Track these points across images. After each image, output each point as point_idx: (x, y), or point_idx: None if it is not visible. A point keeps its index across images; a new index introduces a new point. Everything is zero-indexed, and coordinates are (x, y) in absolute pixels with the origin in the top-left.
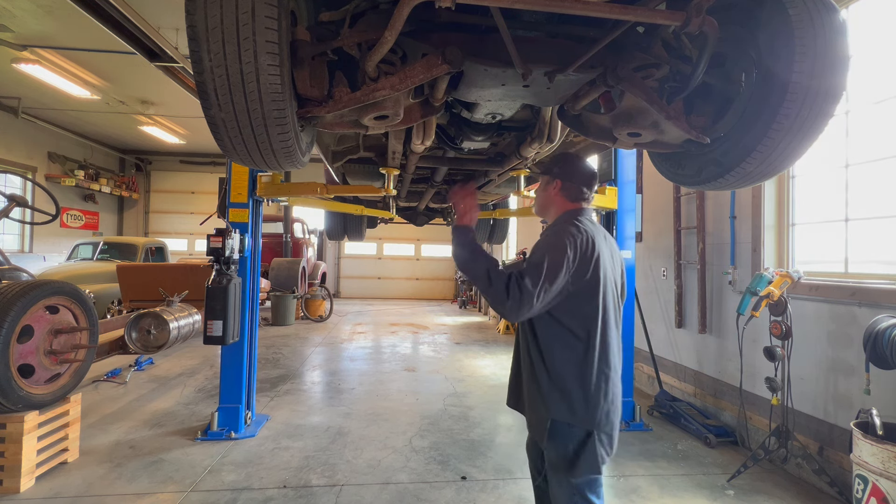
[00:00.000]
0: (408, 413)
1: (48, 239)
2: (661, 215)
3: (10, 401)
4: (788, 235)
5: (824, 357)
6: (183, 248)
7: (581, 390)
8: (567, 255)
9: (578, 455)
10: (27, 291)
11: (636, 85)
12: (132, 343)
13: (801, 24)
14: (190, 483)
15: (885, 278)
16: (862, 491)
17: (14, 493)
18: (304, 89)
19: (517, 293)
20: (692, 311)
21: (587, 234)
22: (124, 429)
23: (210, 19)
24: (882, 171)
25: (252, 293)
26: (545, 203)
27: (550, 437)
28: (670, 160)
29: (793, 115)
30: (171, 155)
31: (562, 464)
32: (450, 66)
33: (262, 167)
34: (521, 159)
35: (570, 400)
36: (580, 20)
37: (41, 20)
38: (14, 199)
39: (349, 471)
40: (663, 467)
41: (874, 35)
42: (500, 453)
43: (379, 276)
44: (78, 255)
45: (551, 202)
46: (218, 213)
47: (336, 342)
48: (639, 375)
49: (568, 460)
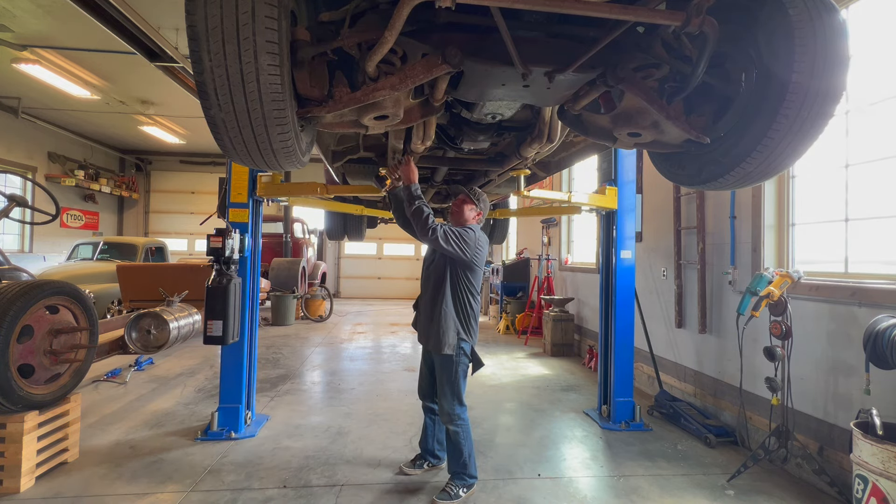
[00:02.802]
0: (408, 413)
1: (48, 239)
2: (661, 215)
3: (10, 401)
4: (788, 235)
5: (824, 357)
6: (183, 248)
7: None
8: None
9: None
10: (27, 291)
11: (636, 85)
12: (132, 343)
13: (801, 24)
14: (190, 483)
15: (885, 278)
16: (862, 491)
17: (14, 493)
18: (304, 89)
19: (440, 233)
20: (692, 311)
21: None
22: (124, 429)
23: (210, 19)
24: (882, 171)
25: (252, 293)
26: (467, 218)
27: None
28: (670, 160)
29: (793, 115)
30: (171, 155)
31: (457, 362)
32: (450, 66)
33: (262, 167)
34: (521, 159)
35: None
36: (580, 20)
37: (41, 20)
38: (14, 199)
39: (349, 471)
40: (663, 467)
41: (874, 35)
42: (500, 453)
43: (379, 276)
44: (78, 255)
45: (469, 219)
46: (218, 213)
47: (336, 342)
48: (639, 375)
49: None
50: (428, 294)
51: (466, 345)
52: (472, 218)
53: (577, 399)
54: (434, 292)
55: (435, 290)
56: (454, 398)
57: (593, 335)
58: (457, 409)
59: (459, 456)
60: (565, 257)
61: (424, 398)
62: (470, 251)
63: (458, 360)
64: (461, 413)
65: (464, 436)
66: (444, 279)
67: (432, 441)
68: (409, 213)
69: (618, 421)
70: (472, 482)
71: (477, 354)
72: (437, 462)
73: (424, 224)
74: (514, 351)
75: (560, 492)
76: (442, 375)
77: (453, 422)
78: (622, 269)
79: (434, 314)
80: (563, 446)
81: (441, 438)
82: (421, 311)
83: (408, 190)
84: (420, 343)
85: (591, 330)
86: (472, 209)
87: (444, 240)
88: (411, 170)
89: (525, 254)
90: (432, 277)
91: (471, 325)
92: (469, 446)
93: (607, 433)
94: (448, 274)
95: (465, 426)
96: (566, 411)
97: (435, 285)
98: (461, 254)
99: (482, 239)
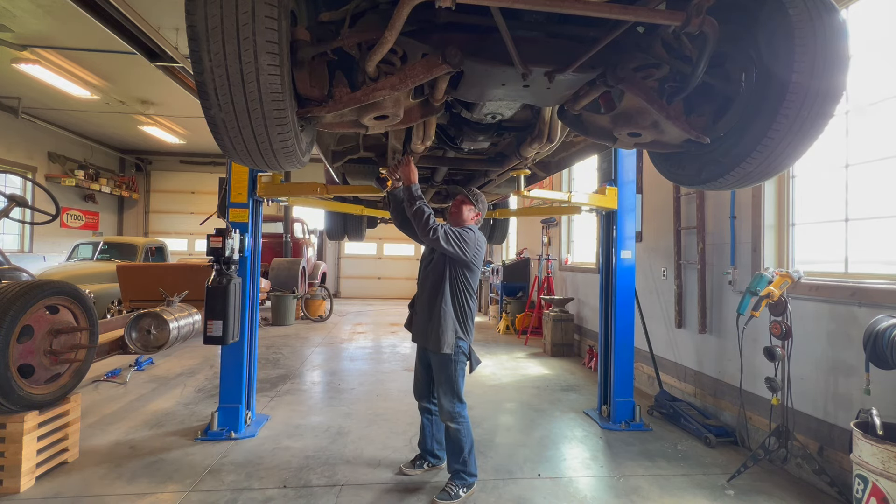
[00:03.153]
0: (408, 413)
1: (48, 239)
2: (661, 215)
3: (9, 401)
4: (788, 235)
5: (824, 357)
6: (183, 248)
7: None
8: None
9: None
10: (27, 291)
11: (636, 85)
12: (132, 343)
13: (801, 24)
14: (190, 483)
15: (885, 278)
16: (862, 491)
17: (14, 493)
18: (304, 89)
19: (441, 234)
20: (692, 311)
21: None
22: (124, 429)
23: (210, 19)
24: (882, 171)
25: (252, 293)
26: (466, 219)
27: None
28: (670, 160)
29: (793, 116)
30: (171, 155)
31: (456, 360)
32: (450, 66)
33: (262, 167)
34: (521, 159)
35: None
36: (580, 20)
37: (41, 20)
38: (14, 199)
39: (349, 471)
40: (663, 467)
41: (874, 35)
42: (500, 453)
43: (379, 276)
44: (78, 255)
45: (468, 220)
46: (218, 213)
47: (336, 342)
48: (639, 375)
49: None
50: (426, 294)
51: (464, 343)
52: (470, 218)
53: (577, 399)
54: (433, 292)
55: (434, 289)
56: (454, 396)
57: (593, 335)
58: (457, 406)
59: (460, 453)
60: (565, 257)
61: (420, 398)
62: (470, 251)
63: (456, 359)
64: (461, 410)
65: (464, 433)
66: (444, 279)
67: (431, 441)
68: (410, 214)
69: (618, 421)
70: (472, 481)
71: (474, 352)
72: (436, 462)
73: (426, 224)
74: (514, 351)
75: (560, 492)
76: (440, 374)
77: (454, 419)
78: (622, 269)
79: (433, 313)
80: (563, 446)
81: (440, 438)
82: (418, 310)
83: (408, 190)
84: (415, 343)
85: (591, 330)
86: (470, 210)
87: (445, 240)
88: (411, 170)
89: (525, 254)
90: (430, 277)
91: (468, 325)
92: (469, 444)
93: (607, 433)
94: (447, 274)
95: (465, 423)
96: (566, 411)
97: (433, 285)
98: (461, 254)
99: (481, 239)
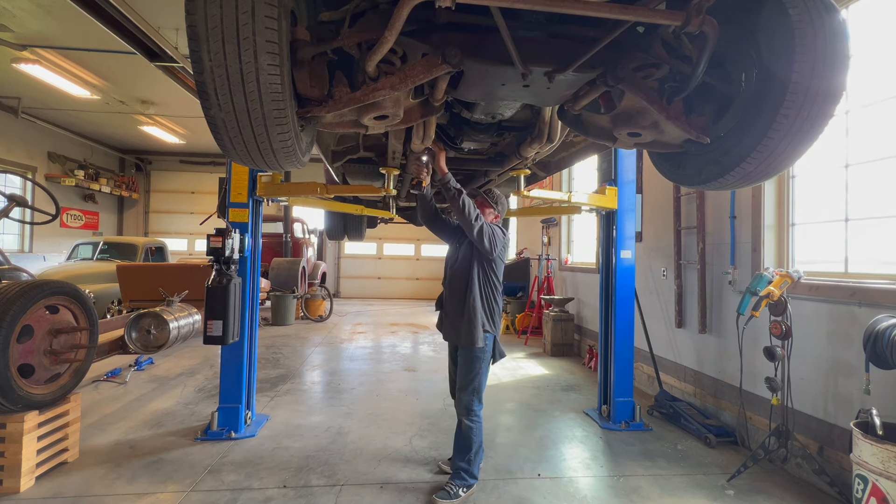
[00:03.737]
0: (408, 413)
1: (48, 239)
2: (661, 215)
3: (9, 401)
4: (788, 235)
5: (824, 357)
6: (183, 248)
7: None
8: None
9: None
10: (27, 291)
11: (636, 85)
12: (132, 343)
13: (801, 24)
14: (190, 483)
15: (885, 278)
16: (862, 491)
17: (14, 493)
18: (304, 89)
19: (484, 227)
20: (692, 310)
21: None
22: (124, 429)
23: (210, 19)
24: (882, 171)
25: (252, 293)
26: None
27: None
28: (670, 160)
29: (793, 115)
30: (171, 155)
31: (482, 358)
32: (450, 66)
33: (262, 167)
34: (521, 159)
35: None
36: (580, 20)
37: (41, 20)
38: (14, 199)
39: (349, 471)
40: (663, 467)
41: (874, 35)
42: (501, 453)
43: (379, 276)
44: (78, 255)
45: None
46: (218, 213)
47: (336, 342)
48: (639, 375)
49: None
50: (455, 292)
51: (490, 336)
52: (490, 220)
53: (577, 399)
54: (462, 289)
55: (463, 287)
56: (474, 393)
57: (593, 335)
58: (475, 404)
59: (467, 452)
60: (565, 257)
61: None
62: (499, 248)
63: (483, 357)
64: (478, 410)
65: (476, 432)
66: (472, 276)
67: None
68: (457, 206)
69: (618, 421)
70: (472, 482)
71: (499, 344)
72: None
73: (471, 214)
74: (514, 351)
75: (560, 492)
76: (466, 370)
77: (469, 416)
78: (622, 269)
79: (464, 309)
80: (563, 446)
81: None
82: (447, 309)
83: (446, 182)
84: (447, 341)
85: (591, 330)
86: (490, 212)
87: (482, 232)
88: (443, 160)
89: (525, 254)
90: (458, 276)
91: (495, 318)
92: (478, 444)
93: (607, 433)
94: (474, 271)
95: (478, 423)
96: (566, 411)
97: (462, 282)
98: (492, 249)
99: (506, 237)
